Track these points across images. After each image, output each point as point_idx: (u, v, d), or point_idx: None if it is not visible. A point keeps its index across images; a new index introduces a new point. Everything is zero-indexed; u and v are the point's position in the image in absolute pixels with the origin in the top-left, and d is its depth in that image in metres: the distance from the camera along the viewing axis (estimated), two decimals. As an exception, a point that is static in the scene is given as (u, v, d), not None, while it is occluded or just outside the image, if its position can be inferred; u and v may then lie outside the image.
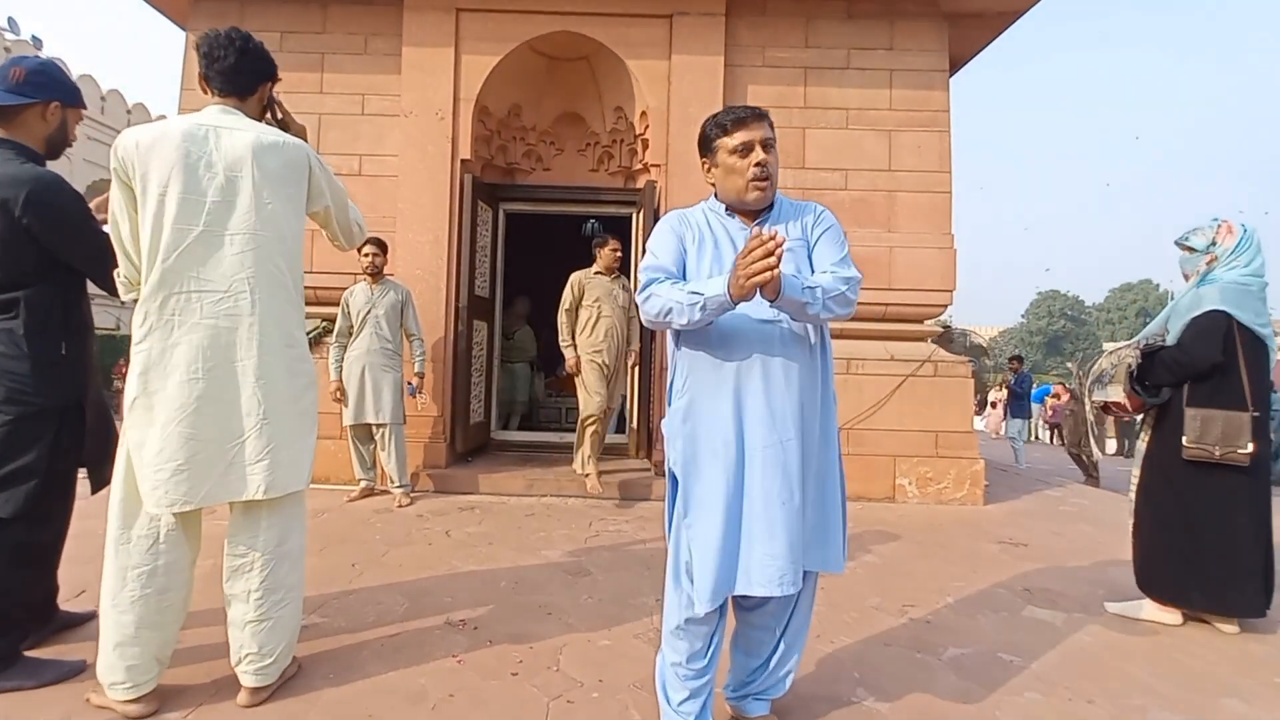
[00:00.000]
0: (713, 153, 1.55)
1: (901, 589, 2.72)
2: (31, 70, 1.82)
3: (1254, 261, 2.43)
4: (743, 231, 1.55)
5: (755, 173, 1.48)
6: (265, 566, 1.68)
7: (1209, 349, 2.37)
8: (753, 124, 1.49)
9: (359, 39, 4.71)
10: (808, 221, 1.58)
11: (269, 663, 1.70)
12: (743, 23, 4.68)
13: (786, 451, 1.45)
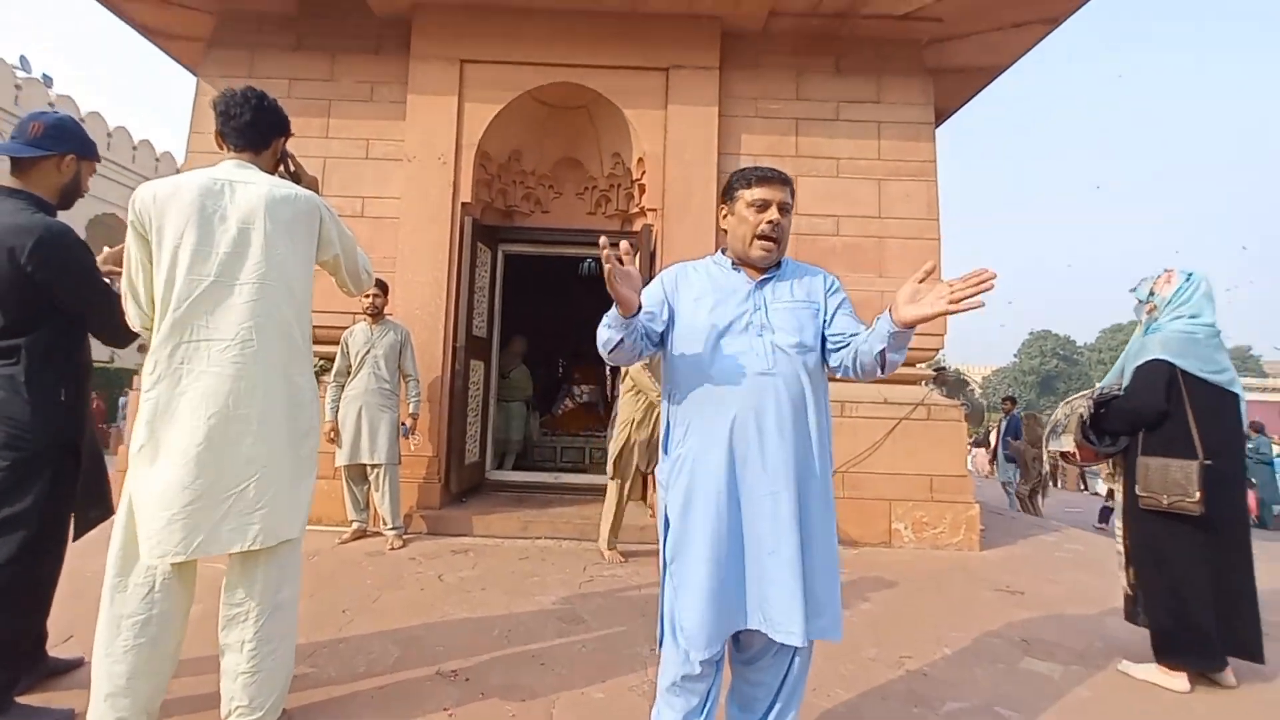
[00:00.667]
0: (733, 200, 1.64)
1: (898, 639, 2.69)
2: (50, 125, 1.91)
3: (1197, 309, 2.45)
4: (747, 285, 1.60)
5: (765, 229, 1.57)
6: (260, 616, 1.67)
7: (1152, 397, 2.41)
8: (775, 185, 1.59)
9: (366, 87, 4.86)
10: (816, 285, 1.64)
11: (258, 716, 1.67)
12: (736, 76, 4.85)
13: (777, 503, 1.47)
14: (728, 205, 1.66)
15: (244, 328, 1.64)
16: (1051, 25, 4.72)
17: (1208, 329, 2.44)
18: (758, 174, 1.60)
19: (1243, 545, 2.40)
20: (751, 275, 1.62)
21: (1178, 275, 2.54)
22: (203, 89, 4.85)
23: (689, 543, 1.50)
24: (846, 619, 2.87)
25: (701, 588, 1.45)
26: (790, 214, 1.62)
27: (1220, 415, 2.39)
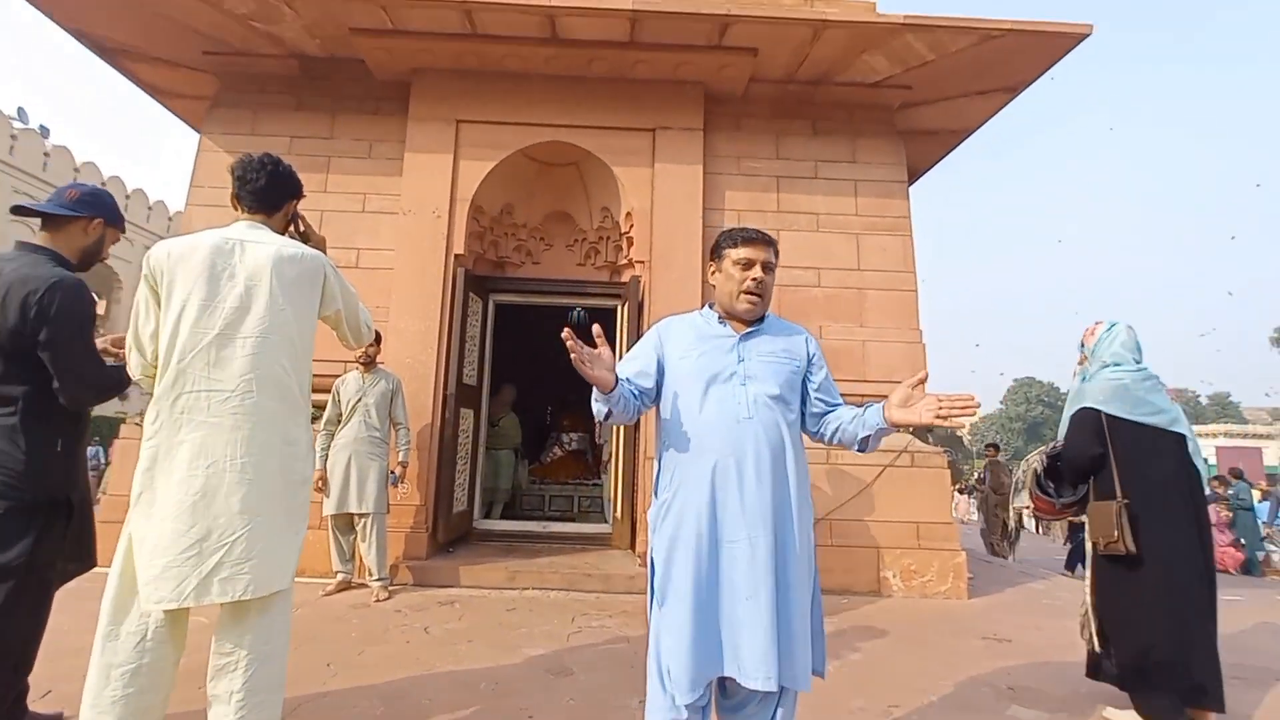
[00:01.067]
0: (720, 259, 1.76)
1: (885, 689, 2.69)
2: (85, 192, 2.02)
3: (1119, 357, 2.56)
4: (732, 338, 1.71)
5: (749, 285, 1.68)
6: (249, 666, 1.67)
7: (1081, 444, 2.51)
8: (760, 246, 1.71)
9: (364, 144, 5.05)
10: (798, 344, 1.76)
11: None
12: (720, 136, 5.11)
13: (754, 548, 1.53)
14: (715, 263, 1.78)
15: (244, 379, 1.70)
16: (1011, 94, 5.05)
17: (1135, 374, 2.52)
18: (743, 235, 1.72)
19: (1191, 589, 2.36)
20: (737, 328, 1.73)
21: (1101, 327, 2.68)
22: (205, 145, 5.01)
23: (673, 587, 1.55)
24: (835, 670, 2.89)
25: (684, 632, 1.49)
26: (773, 272, 1.73)
27: (1157, 456, 2.43)
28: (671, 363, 1.70)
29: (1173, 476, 2.44)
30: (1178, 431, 2.46)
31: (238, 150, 4.96)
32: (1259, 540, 9.96)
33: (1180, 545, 2.38)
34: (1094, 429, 2.51)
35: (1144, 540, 2.39)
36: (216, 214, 4.87)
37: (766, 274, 1.70)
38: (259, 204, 1.92)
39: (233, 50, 4.89)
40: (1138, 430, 2.45)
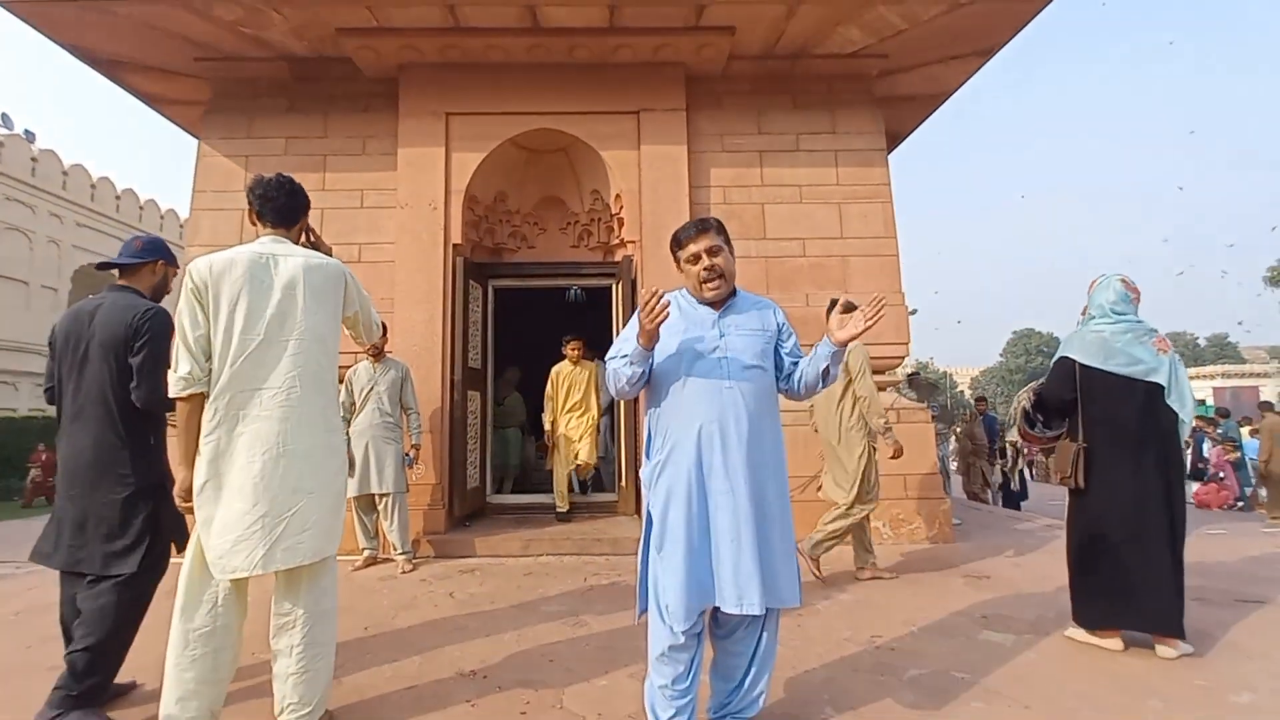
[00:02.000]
0: (677, 261, 1.99)
1: (870, 622, 2.99)
2: (146, 241, 2.46)
3: (1103, 310, 2.76)
4: (711, 316, 1.92)
5: (704, 275, 1.89)
6: (306, 624, 1.94)
7: (1056, 388, 2.77)
8: (699, 237, 1.90)
9: (358, 142, 5.20)
10: (769, 317, 1.97)
11: (308, 711, 1.93)
12: (702, 115, 5.25)
13: (736, 498, 1.76)
14: (677, 264, 1.99)
15: (289, 377, 1.94)
16: (986, 56, 5.17)
17: (1116, 327, 2.71)
18: (685, 234, 1.93)
19: (1147, 527, 2.57)
20: (714, 308, 1.94)
21: (1099, 280, 2.86)
22: (204, 151, 5.16)
23: (669, 534, 1.79)
24: (825, 607, 3.20)
25: (679, 571, 1.74)
26: (724, 251, 1.91)
27: (1125, 403, 2.64)
28: (661, 339, 1.90)
29: (1138, 423, 2.62)
30: (1151, 382, 2.62)
31: (236, 154, 5.14)
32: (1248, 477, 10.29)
33: (1134, 486, 2.60)
34: (1068, 377, 2.75)
35: (1098, 478, 2.66)
36: (221, 218, 5.08)
37: (716, 257, 1.88)
38: (281, 220, 2.14)
39: (223, 56, 5.02)
40: (1109, 380, 2.66)
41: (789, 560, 1.83)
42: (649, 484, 1.88)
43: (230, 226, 5.04)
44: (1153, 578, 2.56)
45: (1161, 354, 2.66)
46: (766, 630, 1.88)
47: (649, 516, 1.87)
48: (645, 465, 1.91)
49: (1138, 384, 2.65)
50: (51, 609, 3.40)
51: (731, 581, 1.73)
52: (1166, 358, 2.66)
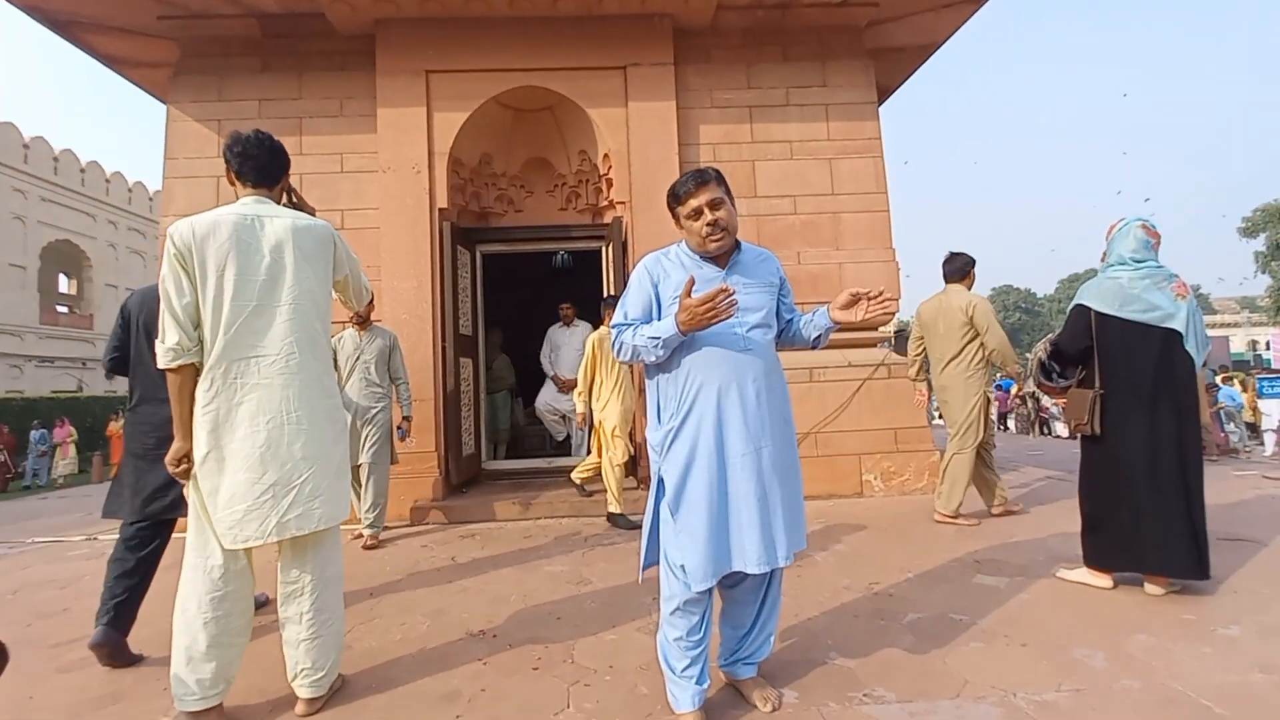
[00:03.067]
0: (676, 218, 1.91)
1: (867, 570, 3.06)
2: None
3: (1121, 255, 2.73)
4: (717, 274, 1.86)
5: (707, 230, 1.81)
6: (314, 591, 1.95)
7: (1071, 338, 2.77)
8: (699, 191, 1.81)
9: (334, 103, 5.02)
10: (771, 269, 1.94)
11: (321, 675, 1.95)
12: (690, 69, 5.12)
13: (761, 457, 1.76)
14: (676, 221, 1.91)
15: (286, 343, 1.90)
16: (976, 4, 5.07)
17: (1133, 273, 2.68)
18: (684, 189, 1.83)
19: (1159, 472, 2.57)
20: (718, 264, 1.88)
21: (1118, 225, 2.80)
22: (174, 115, 4.96)
23: (688, 499, 1.76)
24: (823, 558, 3.27)
25: (701, 536, 1.73)
26: (725, 204, 1.82)
27: (1141, 350, 2.63)
28: (667, 302, 1.84)
29: (1153, 370, 2.61)
30: (1168, 328, 2.60)
31: (208, 118, 4.95)
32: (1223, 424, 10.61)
33: (1146, 432, 2.61)
34: (1083, 324, 2.74)
35: (1112, 424, 2.67)
36: (196, 186, 4.92)
37: (718, 210, 1.80)
38: (263, 179, 2.04)
39: (190, 13, 4.78)
40: (1125, 326, 2.65)
41: (801, 509, 1.87)
42: (661, 449, 1.83)
43: (206, 194, 4.88)
44: (1164, 522, 2.57)
45: (1180, 299, 2.62)
46: (774, 580, 1.92)
47: (660, 481, 1.84)
48: (654, 430, 1.86)
49: (1154, 330, 2.62)
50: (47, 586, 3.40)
51: (757, 542, 1.73)
52: (1185, 303, 2.62)
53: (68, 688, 2.17)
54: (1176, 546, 2.56)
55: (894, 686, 1.95)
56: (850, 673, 2.06)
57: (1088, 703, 1.81)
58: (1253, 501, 4.39)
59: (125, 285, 27.51)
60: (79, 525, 5.37)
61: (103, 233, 26.08)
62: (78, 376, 24.90)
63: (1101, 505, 2.72)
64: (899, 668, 2.08)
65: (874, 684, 1.97)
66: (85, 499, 7.24)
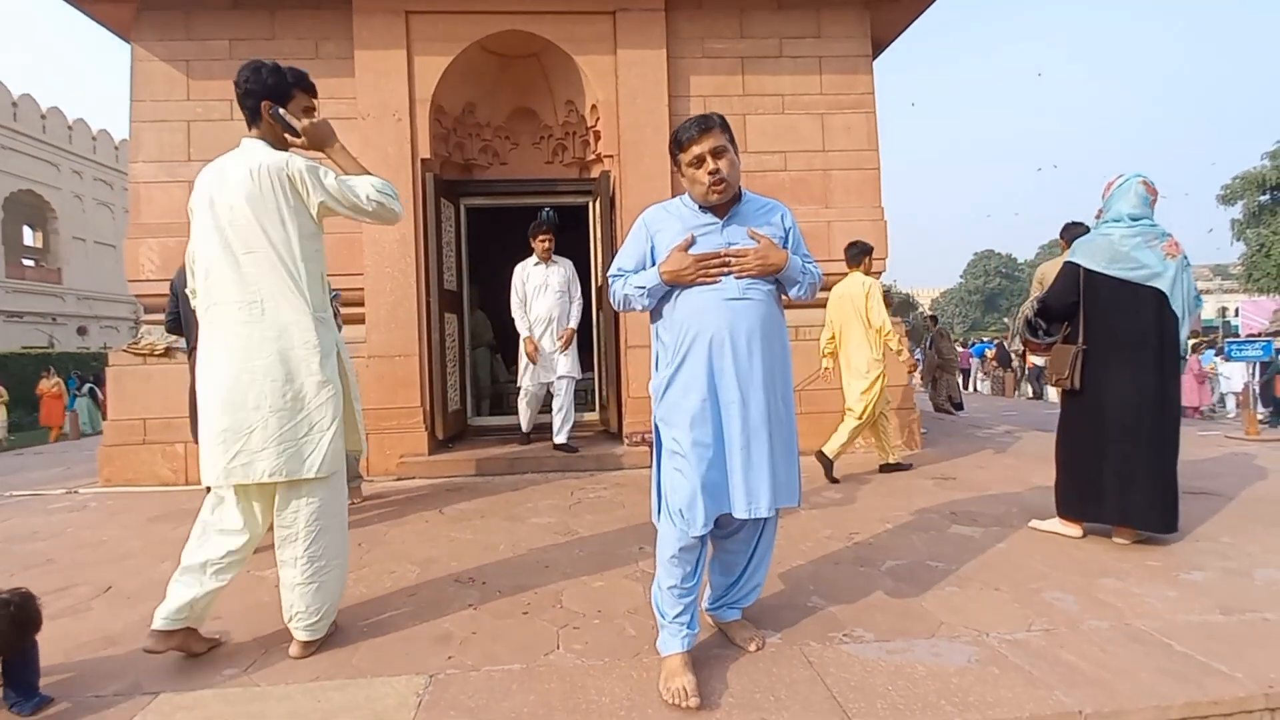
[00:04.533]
0: (677, 165, 1.86)
1: (849, 521, 3.15)
2: None
3: (1117, 213, 2.73)
4: (715, 225, 1.83)
5: (710, 180, 1.77)
6: (307, 537, 1.95)
7: (1059, 294, 2.80)
8: (702, 138, 1.76)
9: (309, 44, 4.80)
10: (777, 220, 1.90)
11: (316, 620, 1.97)
12: (682, 16, 4.96)
13: (748, 408, 1.76)
14: (677, 168, 1.87)
15: (250, 291, 1.87)
16: (976, -46, 4.92)
17: (1126, 230, 2.69)
18: (686, 134, 1.79)
19: (1136, 429, 2.63)
20: (717, 215, 1.85)
21: (1116, 181, 2.80)
22: (139, 55, 4.72)
23: (682, 444, 1.77)
24: (806, 512, 3.34)
25: (695, 479, 1.75)
26: (729, 153, 1.78)
27: (1128, 308, 2.65)
28: (662, 253, 1.82)
29: (1138, 327, 2.64)
30: (1152, 287, 2.63)
31: (175, 58, 4.72)
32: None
33: (1126, 389, 2.66)
34: (1072, 281, 2.76)
35: (1092, 380, 2.71)
36: (166, 131, 4.73)
37: (721, 159, 1.76)
38: (247, 115, 1.98)
39: (150, -58, 4.50)
40: (1112, 284, 2.67)
41: (792, 464, 1.87)
42: (659, 396, 1.86)
43: (177, 139, 4.70)
44: (1137, 478, 2.64)
45: (1169, 258, 2.64)
46: (765, 528, 1.95)
47: (657, 429, 1.87)
48: (654, 378, 1.90)
49: (1142, 289, 2.64)
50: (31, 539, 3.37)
51: (742, 489, 1.76)
52: (1174, 262, 2.64)
53: (62, 634, 2.17)
54: (1147, 501, 2.64)
55: (873, 627, 2.02)
56: (831, 615, 2.13)
57: (1057, 641, 1.90)
58: (1217, 458, 4.55)
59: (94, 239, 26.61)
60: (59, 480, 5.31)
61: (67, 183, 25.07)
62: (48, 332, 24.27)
63: (1078, 458, 2.80)
64: (878, 610, 2.15)
65: (854, 625, 2.04)
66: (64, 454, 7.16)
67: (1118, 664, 1.76)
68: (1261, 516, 3.09)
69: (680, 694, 1.65)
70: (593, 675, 1.79)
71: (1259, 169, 23.64)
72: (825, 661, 1.82)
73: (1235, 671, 1.70)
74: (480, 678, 1.80)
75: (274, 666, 1.92)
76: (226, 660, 1.96)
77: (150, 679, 1.85)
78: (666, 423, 1.83)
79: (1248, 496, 3.46)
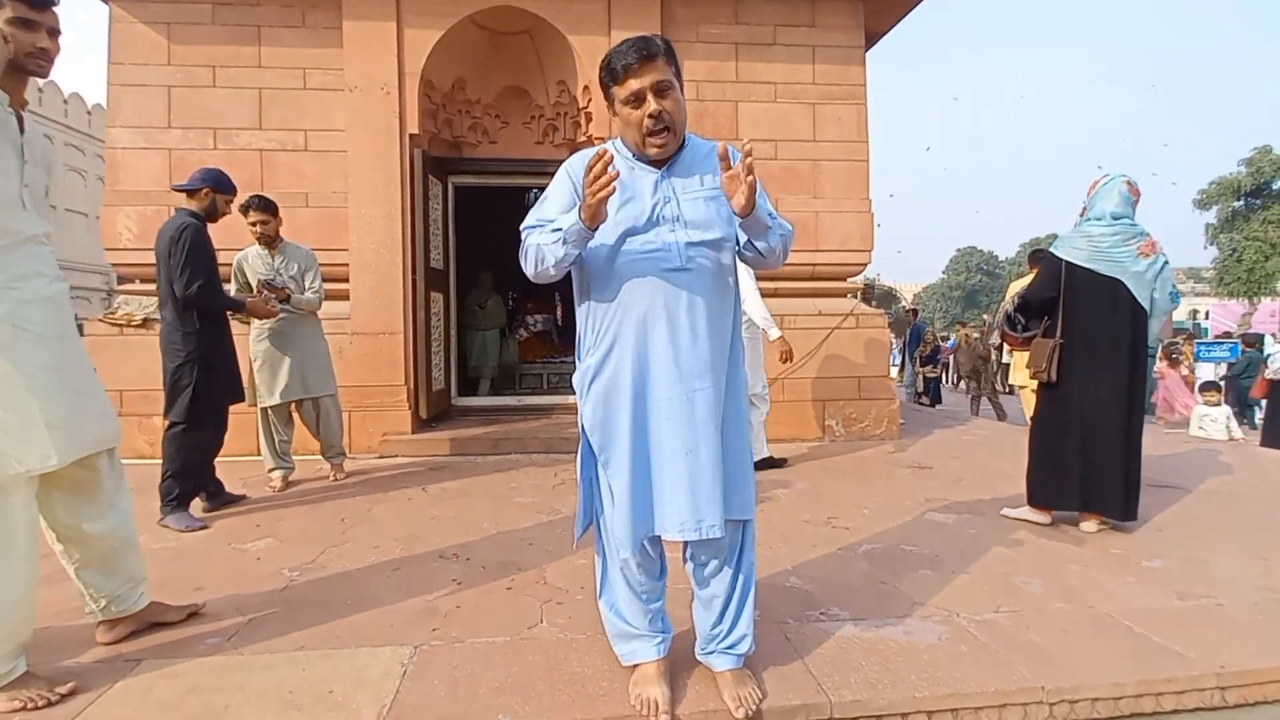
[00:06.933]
0: (610, 101, 1.46)
1: (827, 507, 3.22)
2: (202, 171, 3.14)
3: (1099, 211, 2.79)
4: (652, 176, 1.47)
5: (649, 125, 1.38)
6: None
7: (1040, 287, 2.89)
8: (642, 70, 1.36)
9: (296, 11, 4.69)
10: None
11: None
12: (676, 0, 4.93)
13: (693, 403, 1.45)
14: (609, 105, 1.48)
15: None
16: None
17: (1107, 229, 2.75)
18: (622, 61, 1.37)
19: (1105, 423, 2.73)
20: (656, 166, 1.48)
21: (1101, 180, 2.87)
22: (118, 15, 4.58)
23: (611, 452, 1.50)
24: (785, 496, 3.40)
25: (625, 495, 1.47)
26: (674, 90, 1.40)
27: (1105, 304, 2.73)
28: None
29: (1112, 324, 2.72)
30: (1129, 285, 2.69)
31: (155, 21, 4.60)
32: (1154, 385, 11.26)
33: (1097, 384, 2.74)
34: (1053, 275, 2.83)
35: (1067, 373, 2.80)
36: (145, 95, 4.61)
37: (664, 99, 1.38)
38: None
39: (130, -102, 4.35)
40: (1090, 279, 2.74)
41: (746, 470, 1.57)
42: (583, 391, 1.54)
43: (157, 104, 4.58)
44: (1105, 469, 2.76)
45: (1142, 257, 2.71)
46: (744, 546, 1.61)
47: (584, 430, 1.56)
48: (577, 369, 1.58)
49: (1119, 286, 2.72)
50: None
51: (683, 504, 1.45)
52: (1146, 261, 2.71)
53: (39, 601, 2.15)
54: (1112, 491, 2.77)
55: (848, 607, 2.09)
56: (809, 595, 2.19)
57: (1023, 622, 1.98)
58: (1180, 454, 4.70)
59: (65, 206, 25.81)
60: None
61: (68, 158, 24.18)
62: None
63: (1049, 449, 2.90)
64: (854, 591, 2.22)
65: (830, 604, 2.11)
66: None
67: (1079, 644, 1.84)
68: (1219, 509, 3.22)
69: (650, 706, 1.48)
70: (575, 648, 1.83)
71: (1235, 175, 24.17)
72: (802, 638, 1.88)
73: (1189, 652, 1.79)
74: (464, 649, 1.83)
75: (258, 638, 1.92)
76: (209, 630, 1.96)
77: (131, 647, 1.85)
78: (593, 427, 1.52)
79: (1208, 490, 3.59)
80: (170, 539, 2.82)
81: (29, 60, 1.66)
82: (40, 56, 1.68)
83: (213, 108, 4.64)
